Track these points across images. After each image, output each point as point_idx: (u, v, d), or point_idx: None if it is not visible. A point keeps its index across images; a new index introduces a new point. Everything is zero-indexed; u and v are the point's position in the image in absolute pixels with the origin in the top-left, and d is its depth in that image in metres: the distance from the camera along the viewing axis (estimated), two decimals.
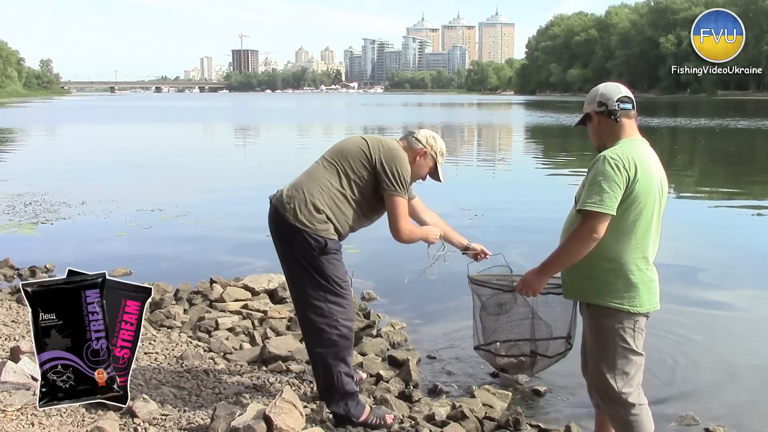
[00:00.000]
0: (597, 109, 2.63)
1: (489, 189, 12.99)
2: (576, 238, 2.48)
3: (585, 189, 2.50)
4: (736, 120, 36.12)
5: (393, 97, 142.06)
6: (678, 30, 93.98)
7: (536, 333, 2.76)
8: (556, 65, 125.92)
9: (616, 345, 2.57)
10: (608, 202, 2.41)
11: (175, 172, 15.35)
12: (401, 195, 3.18)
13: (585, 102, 2.73)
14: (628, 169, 2.46)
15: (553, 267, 2.61)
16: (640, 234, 2.53)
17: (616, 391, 2.58)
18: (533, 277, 2.62)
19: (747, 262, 7.18)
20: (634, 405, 2.59)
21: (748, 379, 4.19)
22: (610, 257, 2.53)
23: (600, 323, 2.59)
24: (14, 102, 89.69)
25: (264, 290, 5.41)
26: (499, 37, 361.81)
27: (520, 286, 2.63)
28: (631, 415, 2.59)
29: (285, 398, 2.95)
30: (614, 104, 2.60)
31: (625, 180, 2.44)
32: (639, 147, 2.59)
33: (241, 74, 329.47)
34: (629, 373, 2.59)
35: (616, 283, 2.54)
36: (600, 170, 2.45)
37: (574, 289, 2.68)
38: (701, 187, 13.53)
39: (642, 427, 2.61)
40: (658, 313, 2.64)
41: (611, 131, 2.62)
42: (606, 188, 2.41)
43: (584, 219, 2.46)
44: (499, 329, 2.88)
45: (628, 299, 2.55)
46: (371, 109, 50.53)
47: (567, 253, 2.52)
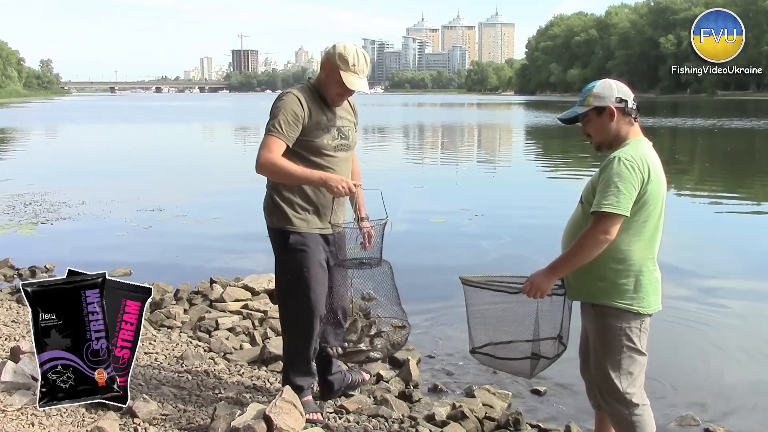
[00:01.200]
0: (617, 104, 2.56)
1: (489, 189, 12.99)
2: (590, 239, 2.45)
3: (599, 190, 2.46)
4: (730, 120, 36.10)
5: (393, 97, 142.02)
6: (678, 30, 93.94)
7: (540, 334, 2.75)
8: (556, 65, 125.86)
9: (623, 345, 2.56)
10: (624, 204, 2.40)
11: (175, 172, 15.35)
12: (270, 133, 2.99)
13: (593, 95, 2.60)
14: (642, 170, 2.45)
15: (563, 268, 2.56)
16: (650, 235, 2.53)
17: (620, 391, 2.57)
18: (542, 278, 2.57)
19: (747, 262, 7.18)
20: (638, 405, 2.59)
21: (748, 380, 4.19)
22: (621, 258, 2.52)
23: (607, 323, 2.58)
24: (14, 102, 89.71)
25: (264, 290, 5.41)
26: (499, 37, 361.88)
27: (528, 287, 2.57)
28: (634, 416, 2.58)
29: (285, 398, 2.95)
30: (633, 102, 2.59)
31: (639, 181, 2.43)
32: (648, 148, 2.58)
33: (241, 74, 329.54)
34: (633, 373, 2.59)
35: (627, 284, 2.53)
36: (615, 171, 2.42)
37: (582, 290, 2.66)
38: (699, 186, 13.52)
39: (644, 427, 2.60)
40: (657, 313, 2.63)
41: (622, 129, 2.59)
42: (622, 189, 2.40)
43: (598, 220, 2.44)
44: (498, 331, 2.87)
45: (637, 300, 2.54)
46: (371, 109, 50.51)
47: (579, 255, 2.49)
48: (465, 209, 9.75)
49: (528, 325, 2.72)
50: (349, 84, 3.00)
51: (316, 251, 3.12)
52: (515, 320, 2.76)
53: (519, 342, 2.75)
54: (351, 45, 3.06)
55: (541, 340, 2.73)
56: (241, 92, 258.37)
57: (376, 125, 33.04)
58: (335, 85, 3.04)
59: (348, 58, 2.99)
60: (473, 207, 9.91)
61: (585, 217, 2.55)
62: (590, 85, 2.66)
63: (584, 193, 2.64)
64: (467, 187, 12.78)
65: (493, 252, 7.30)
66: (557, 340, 2.73)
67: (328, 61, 3.03)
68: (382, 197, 3.00)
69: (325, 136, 3.09)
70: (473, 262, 6.53)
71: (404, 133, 30.34)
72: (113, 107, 70.79)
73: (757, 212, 10.56)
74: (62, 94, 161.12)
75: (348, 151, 3.22)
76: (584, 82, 3.04)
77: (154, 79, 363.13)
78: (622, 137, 2.58)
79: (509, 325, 2.78)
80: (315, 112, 3.06)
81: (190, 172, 15.19)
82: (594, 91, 2.61)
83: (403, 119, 42.56)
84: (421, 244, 7.72)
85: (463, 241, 7.96)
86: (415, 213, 9.58)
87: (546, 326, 2.72)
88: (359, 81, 3.02)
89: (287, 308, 3.27)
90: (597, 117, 2.60)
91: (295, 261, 3.10)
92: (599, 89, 2.60)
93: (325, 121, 3.09)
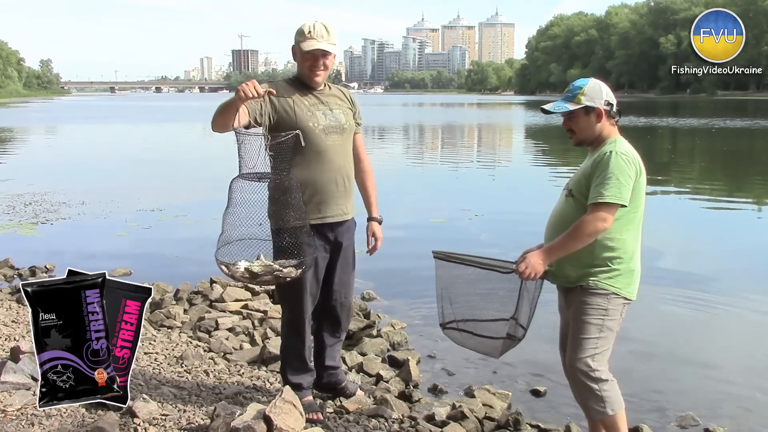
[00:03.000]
0: (605, 107, 2.71)
1: (489, 189, 12.99)
2: (590, 225, 2.58)
3: (598, 183, 2.59)
4: (724, 120, 36.09)
5: (393, 97, 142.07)
6: (678, 30, 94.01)
7: (520, 315, 2.76)
8: (556, 65, 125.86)
9: (603, 326, 2.67)
10: (624, 194, 2.57)
11: (175, 171, 15.35)
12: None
13: (584, 94, 2.69)
14: (636, 164, 2.63)
15: (559, 251, 2.67)
16: (638, 224, 2.71)
17: (592, 368, 2.67)
18: (538, 260, 2.66)
19: (746, 262, 7.18)
20: (607, 381, 2.69)
21: (748, 380, 4.19)
22: (615, 246, 2.65)
23: (593, 302, 2.68)
24: (14, 102, 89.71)
25: (264, 290, 5.41)
26: (499, 37, 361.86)
27: (523, 268, 2.65)
28: (603, 391, 2.68)
29: (285, 398, 2.95)
30: (616, 107, 2.76)
31: (634, 174, 2.62)
32: (629, 145, 2.73)
33: (241, 74, 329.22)
34: (605, 354, 2.70)
35: (619, 270, 2.67)
36: (614, 164, 2.58)
37: (572, 276, 2.73)
38: (697, 185, 13.52)
39: (614, 401, 2.69)
40: (657, 313, 2.67)
41: (605, 130, 2.74)
42: (622, 181, 2.56)
43: (599, 208, 2.57)
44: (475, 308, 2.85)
45: (624, 286, 2.69)
46: (371, 109, 50.57)
47: (577, 239, 2.61)
48: (465, 209, 9.75)
49: (509, 306, 2.74)
50: (307, 47, 3.00)
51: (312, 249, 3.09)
52: (496, 300, 2.77)
53: (498, 321, 2.75)
54: (308, 21, 3.08)
55: (518, 321, 2.76)
56: None
57: (376, 125, 33.03)
58: (303, 61, 3.06)
59: (303, 29, 3.04)
60: (473, 207, 9.91)
61: (577, 207, 2.69)
62: (579, 83, 2.76)
63: (575, 186, 2.75)
64: (467, 188, 12.78)
65: (493, 252, 7.28)
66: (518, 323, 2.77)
67: (293, 46, 3.09)
68: None
69: (311, 118, 3.07)
70: None
71: (404, 133, 30.33)
72: (113, 107, 70.78)
73: (756, 210, 10.55)
74: (62, 94, 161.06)
75: (342, 134, 3.16)
76: None
77: (154, 79, 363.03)
78: (603, 137, 2.74)
79: (491, 304, 2.78)
80: (296, 95, 3.07)
81: (190, 172, 15.19)
82: (585, 90, 2.72)
83: (404, 119, 42.54)
84: (420, 244, 7.70)
85: (462, 241, 7.95)
86: (415, 213, 9.58)
87: (524, 308, 2.76)
88: (314, 42, 3.02)
89: (282, 306, 3.30)
90: (585, 116, 2.73)
91: None
92: (590, 90, 2.72)
93: (308, 102, 3.09)
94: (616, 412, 2.69)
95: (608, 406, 2.67)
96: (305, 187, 3.04)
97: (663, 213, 9.58)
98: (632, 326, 4.43)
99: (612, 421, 2.70)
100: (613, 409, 2.68)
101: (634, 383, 3.88)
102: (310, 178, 3.06)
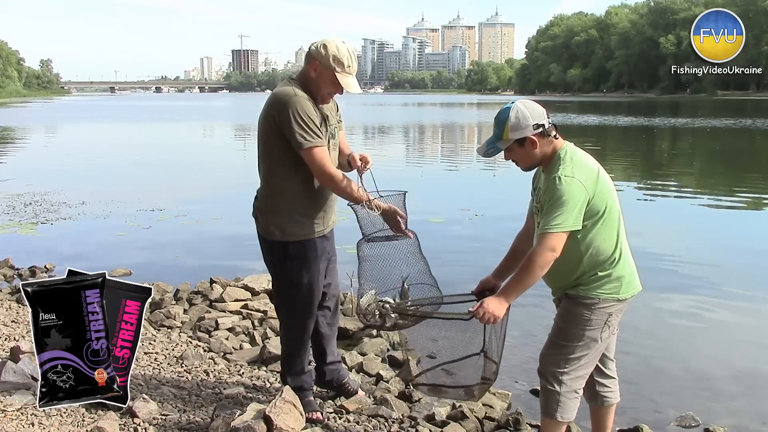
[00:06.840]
0: (535, 131, 2.55)
1: (489, 189, 12.99)
2: (539, 259, 2.47)
3: (545, 212, 2.49)
4: (721, 120, 36.09)
5: (393, 97, 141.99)
6: (678, 30, 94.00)
7: (491, 348, 2.70)
8: (556, 65, 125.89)
9: (583, 335, 2.60)
10: (571, 221, 2.46)
11: (175, 171, 15.35)
12: (315, 144, 2.86)
13: (509, 128, 2.56)
14: (582, 181, 2.49)
15: (515, 293, 2.56)
16: (613, 228, 2.58)
17: (560, 370, 2.63)
18: (496, 305, 2.53)
19: (745, 262, 7.17)
20: (570, 390, 2.65)
21: (748, 380, 4.19)
22: (593, 255, 2.56)
23: (576, 311, 2.62)
24: (14, 102, 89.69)
25: (264, 290, 5.41)
26: (499, 37, 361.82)
27: (481, 314, 2.52)
28: (562, 395, 2.64)
29: (285, 398, 2.95)
30: (545, 120, 2.58)
31: (582, 192, 2.48)
32: (577, 151, 2.61)
33: (241, 74, 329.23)
34: (581, 360, 2.64)
35: (602, 277, 2.58)
36: (559, 192, 2.46)
37: (555, 287, 2.71)
38: (698, 185, 13.51)
39: (565, 410, 2.66)
40: (656, 313, 2.66)
41: (547, 150, 2.60)
42: (569, 207, 2.45)
43: (546, 238, 2.47)
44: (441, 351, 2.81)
45: (612, 290, 2.59)
46: (371, 109, 50.57)
47: (530, 276, 2.51)
48: (464, 209, 9.75)
49: (476, 340, 2.68)
50: (346, 86, 2.94)
51: (316, 259, 3.10)
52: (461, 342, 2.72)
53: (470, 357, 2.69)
54: (341, 44, 2.97)
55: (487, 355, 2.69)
56: (241, 92, 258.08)
57: (376, 125, 33.02)
58: (328, 85, 2.96)
59: (343, 60, 2.92)
60: (473, 207, 9.91)
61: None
62: (503, 116, 2.60)
63: (533, 207, 2.72)
64: (467, 188, 12.78)
65: (493, 252, 7.27)
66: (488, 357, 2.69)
67: (319, 61, 2.94)
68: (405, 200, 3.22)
69: (325, 137, 3.01)
70: (472, 263, 6.51)
71: (404, 133, 30.33)
72: (113, 107, 70.77)
73: (756, 208, 10.55)
74: (62, 94, 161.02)
75: (336, 150, 3.16)
76: (584, 82, 3.02)
77: (154, 79, 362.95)
78: (548, 156, 2.61)
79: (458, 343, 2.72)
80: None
81: (191, 172, 15.20)
82: (510, 124, 2.57)
83: (404, 119, 42.53)
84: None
85: (462, 241, 7.96)
86: (415, 213, 9.54)
87: (493, 342, 2.69)
88: (353, 82, 2.99)
89: (283, 311, 3.27)
90: (519, 148, 2.61)
91: (296, 270, 3.08)
92: (514, 121, 2.56)
93: (320, 120, 3.01)
94: (564, 421, 2.68)
95: (560, 412, 2.66)
96: (314, 200, 3.04)
97: (663, 213, 9.60)
98: (632, 326, 4.43)
99: (556, 426, 2.69)
100: (563, 417, 2.67)
101: (634, 383, 3.89)
102: (319, 193, 3.05)
